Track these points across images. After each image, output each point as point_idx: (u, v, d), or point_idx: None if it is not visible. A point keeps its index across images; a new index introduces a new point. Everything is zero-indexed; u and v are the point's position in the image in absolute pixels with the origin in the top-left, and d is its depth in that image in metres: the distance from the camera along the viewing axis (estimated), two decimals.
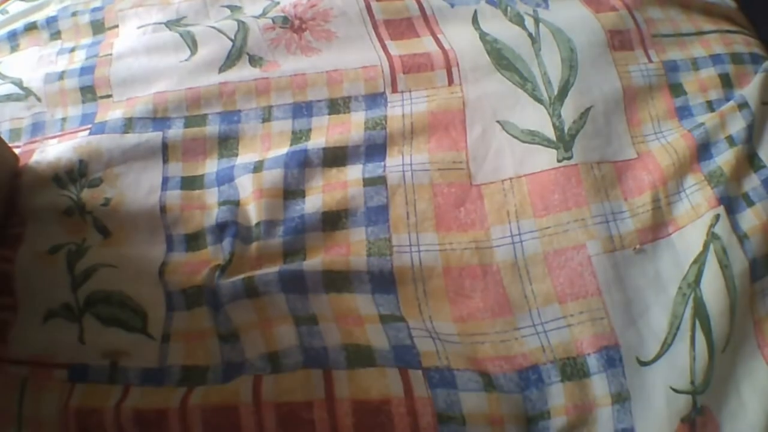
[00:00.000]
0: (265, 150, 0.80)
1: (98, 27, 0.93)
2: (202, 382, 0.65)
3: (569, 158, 0.78)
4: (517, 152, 0.79)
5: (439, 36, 0.89)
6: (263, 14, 0.92)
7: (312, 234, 0.74)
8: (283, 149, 0.79)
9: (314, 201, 0.76)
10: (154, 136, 0.80)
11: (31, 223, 0.75)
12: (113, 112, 0.83)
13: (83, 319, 0.68)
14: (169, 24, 0.93)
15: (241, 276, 0.69)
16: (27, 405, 0.65)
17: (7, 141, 0.81)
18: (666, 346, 0.67)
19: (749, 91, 0.83)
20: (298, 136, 0.81)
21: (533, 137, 0.80)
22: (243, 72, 0.86)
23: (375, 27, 0.90)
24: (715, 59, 0.88)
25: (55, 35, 0.93)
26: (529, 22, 0.90)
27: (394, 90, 0.84)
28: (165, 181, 0.78)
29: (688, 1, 0.95)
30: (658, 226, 0.74)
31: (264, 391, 0.61)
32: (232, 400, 0.61)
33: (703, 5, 0.95)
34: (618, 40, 0.89)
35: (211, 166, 0.80)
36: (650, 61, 0.88)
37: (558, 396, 0.65)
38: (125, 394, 0.65)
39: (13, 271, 0.71)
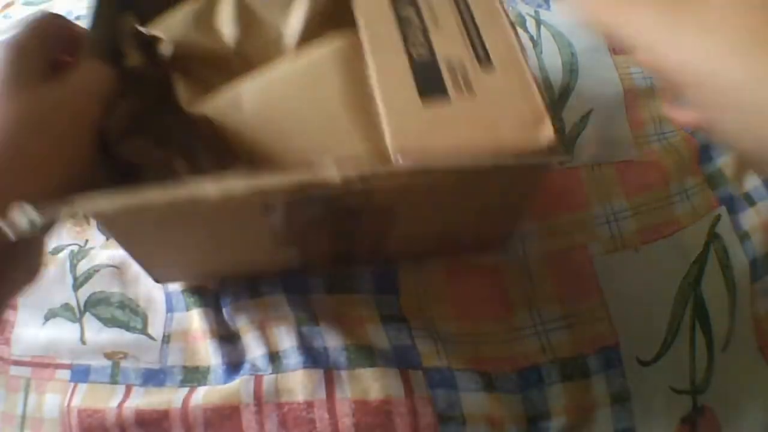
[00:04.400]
0: None
1: None
2: (203, 382, 0.65)
3: (570, 160, 0.78)
4: None
5: None
6: None
7: None
8: None
9: None
10: None
11: None
12: None
13: (83, 319, 0.69)
14: None
15: None
16: (30, 407, 0.66)
17: None
18: (666, 346, 0.67)
19: None
20: None
21: None
22: None
23: None
24: None
25: None
26: (530, 24, 0.90)
27: None
28: None
29: None
30: (659, 226, 0.74)
31: (265, 392, 0.62)
32: (233, 401, 0.61)
33: None
34: (619, 44, 0.89)
35: None
36: None
37: (558, 396, 0.65)
38: (127, 394, 0.65)
39: None
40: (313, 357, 0.64)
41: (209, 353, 0.66)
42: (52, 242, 0.73)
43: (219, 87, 0.57)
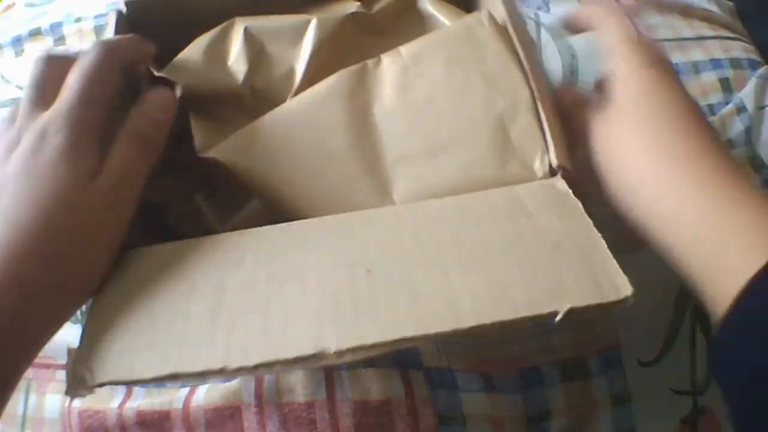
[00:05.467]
0: None
1: (102, 32, 0.94)
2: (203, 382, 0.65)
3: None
4: None
5: None
6: None
7: None
8: None
9: None
10: None
11: None
12: None
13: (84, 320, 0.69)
14: None
15: None
16: (31, 407, 0.66)
17: None
18: (666, 347, 0.67)
19: (746, 95, 0.83)
20: None
21: None
22: None
23: None
24: (715, 64, 0.89)
25: (60, 40, 0.94)
26: (530, 26, 0.90)
27: None
28: None
29: (688, 10, 0.96)
30: None
31: (265, 391, 0.62)
32: (234, 400, 0.61)
33: (702, 13, 0.96)
34: None
35: None
36: None
37: (558, 397, 0.65)
38: (128, 395, 0.65)
39: None
40: None
41: None
42: None
43: (233, 123, 0.58)
